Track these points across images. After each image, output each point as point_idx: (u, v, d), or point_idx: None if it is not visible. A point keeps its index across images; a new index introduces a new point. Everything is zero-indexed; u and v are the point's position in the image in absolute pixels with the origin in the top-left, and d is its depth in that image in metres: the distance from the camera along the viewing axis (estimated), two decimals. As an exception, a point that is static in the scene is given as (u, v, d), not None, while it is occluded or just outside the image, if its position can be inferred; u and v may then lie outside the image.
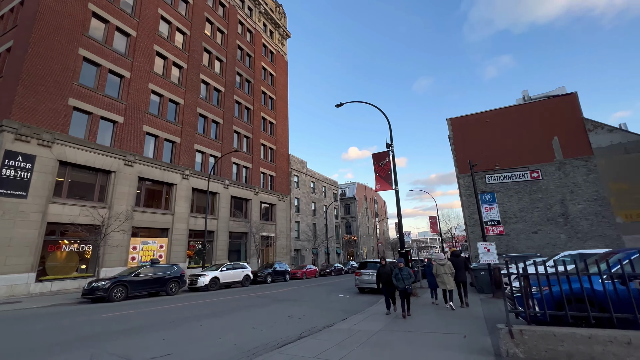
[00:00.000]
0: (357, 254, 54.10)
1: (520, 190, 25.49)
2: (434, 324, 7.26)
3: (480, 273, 12.84)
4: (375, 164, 14.59)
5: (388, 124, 14.13)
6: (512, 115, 27.22)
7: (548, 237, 24.36)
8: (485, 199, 12.52)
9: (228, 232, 26.57)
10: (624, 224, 23.17)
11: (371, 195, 69.06)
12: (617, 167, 24.23)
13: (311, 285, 20.51)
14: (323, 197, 46.53)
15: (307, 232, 38.93)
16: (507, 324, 4.55)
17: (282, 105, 39.02)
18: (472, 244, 26.64)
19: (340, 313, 9.32)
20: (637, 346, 3.89)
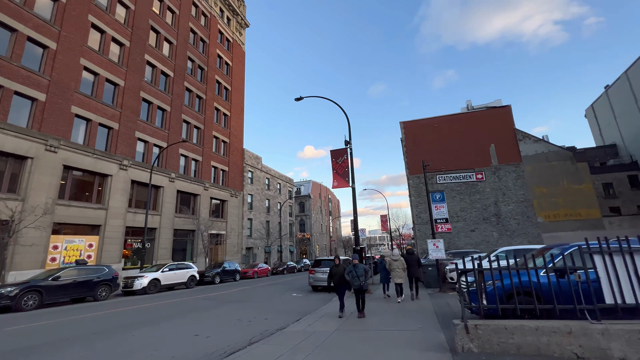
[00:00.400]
0: (310, 252, 54.20)
1: (462, 192, 27.60)
2: (389, 321, 7.24)
3: (428, 269, 13.43)
4: (333, 160, 14.45)
5: (347, 121, 14.07)
6: (457, 123, 29.37)
7: (483, 234, 26.75)
8: (436, 197, 13.13)
9: (172, 229, 24.48)
10: (543, 223, 26.42)
11: (326, 193, 69.83)
12: (539, 173, 27.56)
13: (263, 284, 19.77)
14: (278, 194, 45.64)
15: (260, 229, 37.78)
16: (463, 319, 4.57)
17: (237, 97, 37.25)
18: (418, 242, 28.18)
19: (294, 314, 8.91)
20: (577, 335, 4.13)
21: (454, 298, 9.83)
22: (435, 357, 4.50)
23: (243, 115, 37.97)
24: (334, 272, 8.15)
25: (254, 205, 38.24)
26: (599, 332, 4.08)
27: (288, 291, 15.31)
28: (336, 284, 8.12)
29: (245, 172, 37.06)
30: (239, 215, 34.11)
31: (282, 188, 47.27)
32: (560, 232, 25.55)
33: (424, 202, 27.53)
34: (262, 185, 40.95)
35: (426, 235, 26.49)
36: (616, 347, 3.99)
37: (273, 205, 43.40)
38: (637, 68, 29.50)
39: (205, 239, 25.88)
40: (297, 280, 21.78)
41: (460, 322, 4.58)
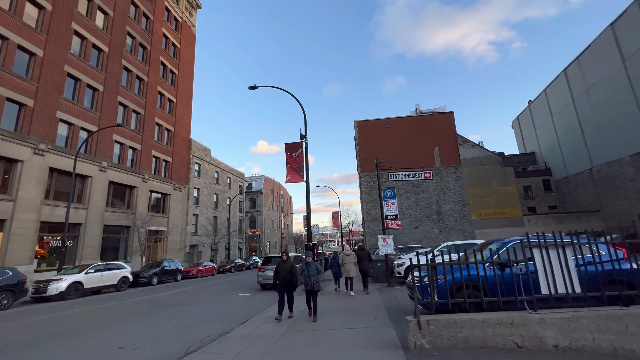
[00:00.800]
0: (260, 249, 52.87)
1: (408, 191, 29.09)
2: (340, 319, 7.06)
3: (377, 264, 13.72)
4: (287, 154, 13.95)
5: (303, 115, 13.68)
6: (407, 125, 30.86)
7: (426, 231, 28.56)
8: (387, 194, 13.46)
9: (102, 225, 21.66)
10: (476, 220, 29.13)
11: (278, 189, 68.76)
12: (475, 175, 30.33)
13: (208, 284, 18.50)
14: (227, 188, 43.49)
15: (206, 226, 35.57)
16: (416, 315, 4.52)
17: (186, 82, 34.42)
18: (367, 238, 29.09)
19: (240, 315, 8.28)
20: (518, 325, 4.32)
21: (402, 292, 10.11)
22: (388, 356, 4.37)
23: (191, 103, 35.26)
24: (281, 269, 7.39)
25: (201, 200, 35.87)
26: (536, 321, 4.31)
27: (235, 290, 14.46)
28: (281, 282, 7.33)
29: (192, 164, 34.53)
30: (183, 211, 31.66)
31: (232, 183, 45.17)
32: (489, 229, 28.38)
33: (374, 199, 28.45)
34: (210, 179, 38.60)
35: (375, 232, 27.42)
36: (550, 335, 4.26)
37: (222, 200, 41.23)
38: (553, 88, 34.09)
39: (143, 236, 23.45)
40: (246, 279, 20.86)
41: (413, 319, 4.52)
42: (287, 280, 7.30)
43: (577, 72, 29.69)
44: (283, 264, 7.43)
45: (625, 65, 23.89)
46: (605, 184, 27.73)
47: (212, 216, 38.05)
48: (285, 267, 7.38)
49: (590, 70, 27.91)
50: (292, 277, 7.30)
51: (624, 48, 23.90)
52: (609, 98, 26.02)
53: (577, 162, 31.16)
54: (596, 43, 26.87)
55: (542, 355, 4.03)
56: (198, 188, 35.61)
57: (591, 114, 28.35)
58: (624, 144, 24.97)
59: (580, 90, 29.55)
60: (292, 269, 7.31)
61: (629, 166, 24.94)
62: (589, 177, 29.81)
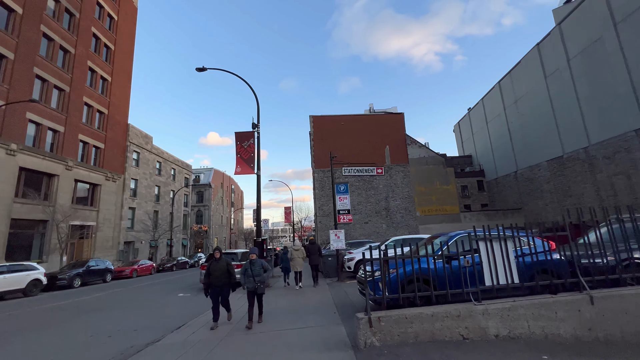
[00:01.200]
0: (207, 246, 50.07)
1: (359, 187, 29.77)
2: (288, 318, 6.67)
3: (328, 259, 13.63)
4: (237, 144, 13.06)
5: (256, 102, 12.90)
6: (361, 123, 31.50)
7: (375, 226, 29.55)
8: (340, 189, 13.41)
9: (9, 218, 18.26)
10: (420, 216, 30.98)
11: (229, 183, 65.81)
12: (420, 174, 32.19)
13: (143, 284, 16.72)
14: (171, 180, 40.16)
15: (145, 220, 32.38)
16: (367, 312, 4.31)
17: (124, 60, 30.68)
18: (319, 233, 29.16)
19: (176, 319, 7.40)
20: (464, 317, 4.36)
21: (352, 287, 10.08)
22: (337, 357, 4.10)
23: (130, 84, 31.60)
24: (213, 270, 6.26)
25: (139, 192, 32.52)
26: (480, 312, 4.39)
27: (174, 291, 13.19)
28: (214, 284, 6.25)
29: (129, 152, 31.06)
30: (117, 203, 28.34)
31: (177, 174, 41.83)
32: (431, 225, 30.35)
33: (327, 195, 28.59)
34: (151, 170, 35.19)
35: (327, 227, 27.56)
36: (492, 325, 4.37)
37: (164, 193, 37.94)
38: (489, 98, 37.71)
39: (64, 232, 20.36)
40: (188, 278, 19.36)
41: (364, 316, 4.31)
42: (223, 282, 6.29)
43: (509, 84, 33.16)
44: (216, 264, 6.35)
45: (546, 81, 27.26)
46: (527, 185, 31.52)
47: (153, 210, 34.81)
48: (218, 267, 6.30)
49: (520, 83, 31.35)
50: (230, 277, 6.32)
51: (546, 66, 27.24)
52: (532, 109, 29.51)
53: (506, 165, 34.93)
54: (525, 60, 30.23)
55: (484, 345, 4.11)
56: (136, 179, 32.21)
57: (518, 122, 31.92)
58: (542, 150, 28.58)
59: (510, 101, 33.06)
60: (228, 269, 6.31)
61: (545, 170, 28.64)
62: (514, 179, 33.60)
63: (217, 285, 6.27)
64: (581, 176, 24.53)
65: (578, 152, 24.56)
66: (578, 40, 23.56)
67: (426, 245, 6.76)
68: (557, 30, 25.69)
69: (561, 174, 26.60)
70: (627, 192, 20.87)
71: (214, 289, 6.31)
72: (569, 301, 4.59)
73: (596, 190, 23.31)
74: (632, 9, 19.19)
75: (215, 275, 6.27)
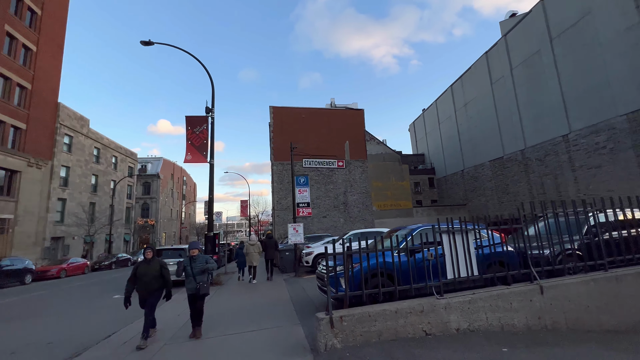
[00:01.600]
0: (153, 241, 46.34)
1: (319, 182, 29.63)
2: (240, 320, 6.08)
3: (285, 254, 13.15)
4: (188, 129, 11.87)
5: (211, 84, 11.77)
6: (322, 117, 31.26)
7: (333, 220, 29.70)
8: (300, 181, 12.95)
9: None
10: (376, 211, 31.88)
11: (180, 174, 61.57)
12: (377, 170, 33.08)
13: (72, 286, 14.66)
14: (112, 169, 36.16)
15: (79, 213, 28.70)
16: (329, 311, 3.94)
17: (54, 27, 26.52)
18: (277, 227, 28.48)
19: (106, 327, 6.35)
20: (427, 312, 4.22)
21: (309, 282, 9.74)
22: (294, 363, 3.68)
23: (61, 57, 27.51)
24: (141, 273, 5.09)
25: (72, 182, 28.69)
26: (443, 307, 4.29)
27: (109, 292, 11.68)
28: (143, 291, 5.08)
29: (60, 135, 27.15)
30: (42, 194, 24.64)
31: (119, 163, 37.81)
32: (386, 219, 31.42)
33: (286, 188, 27.96)
34: (87, 156, 31.24)
35: (285, 221, 26.99)
36: (454, 319, 4.29)
37: (103, 183, 34.04)
38: (442, 100, 39.96)
39: (-32, 226, 17.06)
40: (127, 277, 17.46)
41: (325, 316, 3.93)
42: (154, 289, 5.09)
43: (460, 88, 35.40)
44: (145, 266, 5.14)
45: (492, 87, 29.54)
46: (471, 183, 34.11)
47: (88, 202, 31.02)
48: (149, 269, 5.09)
49: (469, 88, 33.61)
50: (163, 284, 5.18)
51: (493, 73, 29.49)
52: (479, 113, 31.85)
53: (454, 164, 37.42)
54: (475, 66, 32.43)
55: (447, 340, 4.00)
56: (68, 166, 28.35)
57: (466, 125, 34.29)
58: (486, 151, 31.06)
59: (460, 104, 35.35)
60: (162, 273, 5.16)
61: (488, 169, 31.20)
62: (460, 177, 36.15)
63: (150, 292, 5.06)
64: (517, 176, 27.11)
65: (516, 153, 27.06)
66: (520, 51, 25.80)
67: (388, 238, 6.62)
68: (503, 41, 27.87)
69: (501, 174, 29.16)
70: (553, 191, 23.51)
71: (143, 296, 5.11)
72: (523, 291, 4.71)
73: (529, 188, 25.94)
74: (565, 26, 21.43)
75: (143, 281, 5.05)
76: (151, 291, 5.07)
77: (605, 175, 19.39)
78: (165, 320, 6.18)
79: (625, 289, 5.32)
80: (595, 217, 5.76)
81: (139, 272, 5.12)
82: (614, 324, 5.09)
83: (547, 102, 23.34)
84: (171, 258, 11.92)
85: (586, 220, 5.88)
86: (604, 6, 18.85)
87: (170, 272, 5.57)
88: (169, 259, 12.02)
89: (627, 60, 17.82)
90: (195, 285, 5.12)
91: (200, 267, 5.18)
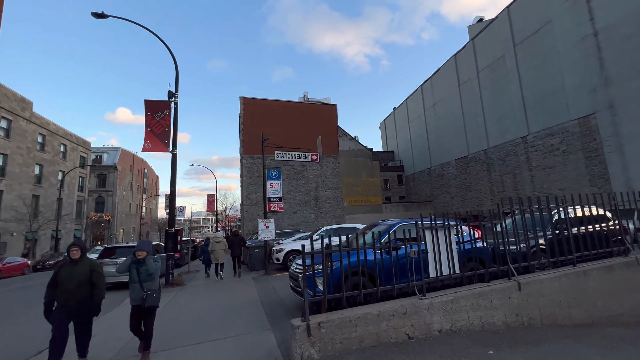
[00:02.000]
0: (109, 238, 42.91)
1: (290, 176, 29.01)
2: (203, 326, 5.45)
3: (255, 251, 12.50)
4: (148, 115, 10.74)
5: (174, 65, 10.71)
6: (295, 110, 30.55)
7: (304, 216, 29.29)
8: (272, 175, 12.32)
9: None
10: (347, 207, 31.95)
11: (141, 166, 57.55)
12: (349, 166, 33.12)
13: (6, 289, 12.86)
14: (61, 159, 32.70)
15: (18, 207, 25.57)
16: (306, 317, 3.50)
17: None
18: (245, 223, 27.50)
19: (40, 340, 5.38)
20: (410, 314, 3.93)
21: (280, 280, 9.25)
22: (266, 379, 3.20)
23: (-4, 28, 24.05)
24: (64, 277, 3.91)
25: (10, 171, 25.46)
26: (425, 307, 4.04)
27: (51, 296, 10.30)
28: (66, 301, 3.88)
29: (-6, 118, 23.89)
30: (-29, 184, 21.55)
31: (69, 152, 34.29)
32: (357, 215, 31.60)
33: (256, 182, 27.03)
34: (29, 143, 27.88)
35: (254, 217, 26.10)
36: (436, 320, 4.06)
37: (50, 173, 30.67)
38: (412, 99, 40.94)
39: None
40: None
41: (301, 323, 3.48)
42: (79, 299, 3.88)
43: (429, 89, 36.43)
44: (70, 269, 3.96)
45: (460, 89, 30.68)
46: (437, 181, 35.39)
47: (31, 194, 27.79)
48: (75, 273, 3.92)
49: (438, 89, 34.68)
50: (93, 292, 3.98)
51: (460, 75, 30.61)
52: (447, 113, 33.00)
53: (422, 162, 38.60)
54: (444, 68, 33.48)
55: (431, 344, 3.75)
56: (5, 154, 25.10)
57: (434, 124, 35.42)
58: (452, 150, 32.31)
59: (429, 104, 36.41)
60: (91, 277, 3.98)
61: (453, 168, 32.50)
62: (427, 175, 37.39)
63: (69, 305, 3.85)
64: (480, 174, 28.49)
65: (479, 153, 28.39)
66: (486, 55, 26.96)
67: (364, 234, 6.31)
68: (470, 44, 28.96)
69: (465, 172, 30.49)
70: (512, 189, 24.98)
71: (62, 310, 3.86)
72: (502, 289, 4.61)
73: (490, 186, 27.36)
74: (528, 33, 22.65)
75: (66, 289, 3.83)
76: (75, 303, 3.86)
77: (558, 175, 20.88)
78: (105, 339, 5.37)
79: (591, 283, 5.47)
80: (566, 213, 5.88)
81: (63, 276, 3.91)
82: (582, 317, 5.20)
83: (509, 105, 24.64)
84: (123, 258, 10.82)
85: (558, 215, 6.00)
86: (562, 17, 20.13)
87: None
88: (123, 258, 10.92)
89: (580, 69, 19.21)
90: (141, 295, 4.10)
91: (149, 272, 4.19)
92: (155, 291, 4.21)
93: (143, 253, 4.28)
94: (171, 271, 9.70)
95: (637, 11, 16.53)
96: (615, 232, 6.50)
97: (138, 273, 4.20)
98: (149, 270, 4.20)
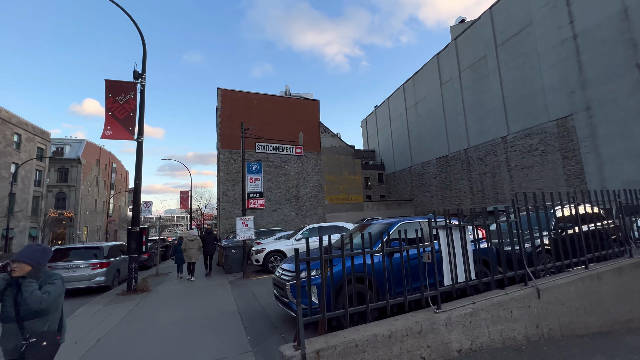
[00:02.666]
0: (70, 236, 39.65)
1: (270, 173, 27.89)
2: (167, 345, 4.47)
3: (232, 251, 11.45)
4: (109, 97, 9.38)
5: (142, 42, 9.40)
6: (275, 104, 29.39)
7: (284, 214, 28.31)
8: (252, 168, 11.32)
9: None
10: (328, 205, 31.29)
11: (108, 160, 53.86)
12: (331, 163, 32.47)
13: None
14: (13, 150, 29.56)
15: (-39, 202, 22.70)
16: (300, 345, 2.65)
17: None
18: (222, 221, 26.12)
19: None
20: (426, 333, 3.21)
21: (260, 285, 8.34)
22: None
23: None
24: None
25: (-50, 162, 22.50)
26: (443, 323, 3.34)
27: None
28: None
29: None
30: None
31: (24, 142, 31.11)
32: (338, 213, 31.05)
33: (233, 179, 25.73)
34: (-25, 131, 24.85)
35: (232, 214, 24.80)
36: (455, 338, 3.38)
37: (0, 165, 27.61)
38: (394, 98, 40.90)
39: None
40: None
41: (294, 352, 2.64)
42: None
43: (411, 88, 36.47)
44: None
45: (442, 88, 30.83)
46: (418, 180, 35.56)
47: (-23, 188, 24.80)
48: None
49: (420, 88, 34.76)
50: None
51: (442, 75, 30.76)
52: (428, 112, 33.13)
53: (403, 160, 38.67)
54: (426, 67, 33.56)
55: (451, 369, 3.04)
56: (-56, 142, 22.12)
57: (416, 123, 35.51)
58: (433, 149, 32.49)
59: (411, 103, 36.46)
60: None
61: (434, 167, 32.71)
62: (408, 173, 37.51)
63: None
64: (460, 173, 28.77)
65: (460, 152, 28.65)
66: (468, 55, 27.17)
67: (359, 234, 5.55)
68: (453, 44, 29.12)
69: (446, 171, 30.73)
70: (491, 188, 25.35)
71: None
72: (521, 297, 4.02)
73: (470, 185, 27.68)
74: (509, 35, 22.94)
75: None
76: None
77: (536, 175, 21.30)
78: None
79: (605, 287, 5.05)
80: (577, 210, 5.43)
81: None
82: (598, 325, 4.75)
83: (490, 105, 24.93)
84: (81, 260, 9.45)
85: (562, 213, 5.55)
86: (543, 19, 20.47)
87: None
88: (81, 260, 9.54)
89: (559, 71, 19.60)
90: (19, 343, 2.31)
91: (32, 300, 2.26)
92: (48, 337, 2.38)
93: (25, 267, 2.36)
94: (134, 275, 8.49)
95: (614, 16, 16.99)
96: (619, 230, 6.18)
97: (16, 304, 2.33)
98: (28, 303, 2.27)
